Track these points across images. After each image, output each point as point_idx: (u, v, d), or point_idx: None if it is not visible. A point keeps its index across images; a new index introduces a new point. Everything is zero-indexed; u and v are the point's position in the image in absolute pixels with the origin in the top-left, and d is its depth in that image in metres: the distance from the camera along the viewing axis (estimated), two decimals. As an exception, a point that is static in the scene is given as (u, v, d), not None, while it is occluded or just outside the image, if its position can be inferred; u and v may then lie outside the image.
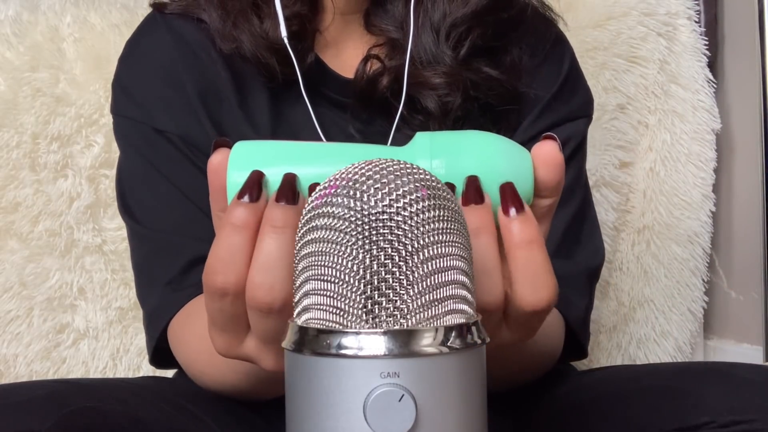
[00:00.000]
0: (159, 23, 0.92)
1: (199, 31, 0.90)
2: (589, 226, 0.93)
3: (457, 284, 0.45)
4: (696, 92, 1.33)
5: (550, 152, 0.55)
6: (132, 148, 0.90)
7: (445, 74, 0.86)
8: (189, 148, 0.87)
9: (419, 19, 0.87)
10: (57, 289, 1.17)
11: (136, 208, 0.88)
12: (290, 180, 0.51)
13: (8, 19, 1.18)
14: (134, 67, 0.92)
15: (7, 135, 1.16)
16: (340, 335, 0.44)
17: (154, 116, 0.88)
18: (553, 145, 0.55)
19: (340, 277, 0.44)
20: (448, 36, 0.87)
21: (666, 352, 1.32)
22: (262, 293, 0.51)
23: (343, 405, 0.43)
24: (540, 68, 0.92)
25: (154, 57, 0.91)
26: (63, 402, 0.64)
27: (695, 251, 1.32)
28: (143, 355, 1.19)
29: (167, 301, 0.83)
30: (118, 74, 0.93)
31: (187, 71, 0.89)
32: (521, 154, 0.55)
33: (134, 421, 0.68)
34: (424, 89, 0.86)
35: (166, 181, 0.87)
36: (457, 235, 0.46)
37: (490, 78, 0.88)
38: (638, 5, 1.31)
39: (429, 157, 0.54)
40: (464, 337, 0.45)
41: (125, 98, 0.91)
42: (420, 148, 0.55)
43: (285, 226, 0.50)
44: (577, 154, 0.92)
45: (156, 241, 0.86)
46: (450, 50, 0.87)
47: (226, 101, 0.89)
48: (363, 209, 0.44)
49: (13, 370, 1.17)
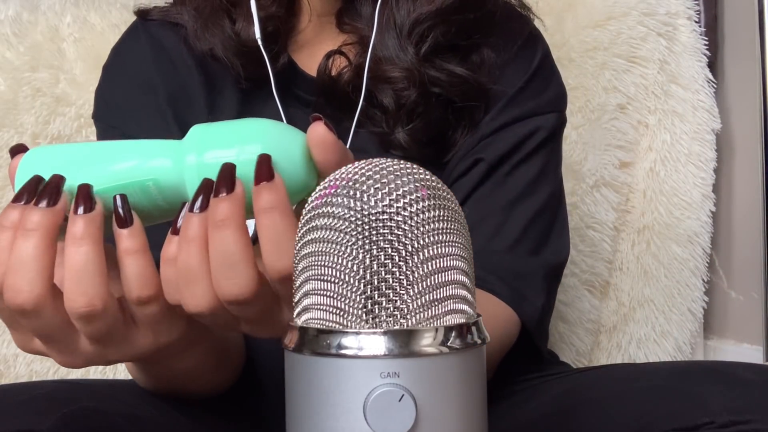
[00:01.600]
0: (139, 31, 0.96)
1: (176, 36, 0.93)
2: (554, 223, 0.91)
3: (457, 284, 0.45)
4: (696, 92, 1.32)
5: (320, 133, 0.55)
6: None
7: (403, 69, 0.87)
8: None
9: (384, 17, 0.89)
10: (57, 289, 1.17)
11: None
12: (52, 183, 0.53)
13: (8, 19, 1.18)
14: (112, 77, 0.96)
15: (7, 135, 1.16)
16: (340, 335, 0.44)
17: (126, 122, 0.91)
18: (321, 126, 0.55)
19: (340, 277, 0.44)
20: (411, 33, 0.88)
21: (666, 352, 1.32)
22: (12, 295, 0.52)
23: (343, 405, 0.43)
24: (509, 65, 0.92)
25: (130, 66, 0.94)
26: (63, 402, 0.64)
27: (695, 251, 1.32)
28: (143, 355, 1.19)
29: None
30: (101, 82, 0.97)
31: (160, 77, 0.92)
32: (292, 138, 0.55)
33: (134, 421, 0.68)
34: (381, 83, 0.88)
35: None
36: (457, 235, 0.46)
37: (453, 74, 0.88)
38: (638, 5, 1.31)
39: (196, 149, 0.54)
40: (464, 337, 0.45)
41: (103, 106, 0.95)
42: (190, 140, 0.55)
43: (37, 227, 0.52)
44: (543, 149, 0.92)
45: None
46: (412, 47, 0.88)
47: (196, 103, 0.91)
48: (363, 209, 0.44)
49: (13, 370, 1.17)
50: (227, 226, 0.51)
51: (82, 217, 0.52)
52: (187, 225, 0.52)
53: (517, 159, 0.89)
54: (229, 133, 0.55)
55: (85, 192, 0.53)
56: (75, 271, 0.52)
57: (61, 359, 0.57)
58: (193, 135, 0.56)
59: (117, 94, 0.94)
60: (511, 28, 0.94)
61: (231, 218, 0.51)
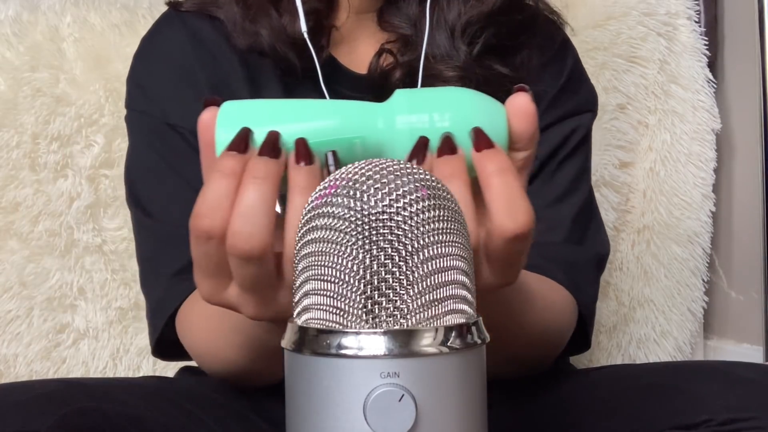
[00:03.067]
0: (174, 20, 0.94)
1: (213, 29, 0.92)
2: (596, 219, 0.95)
3: (457, 284, 0.45)
4: (696, 92, 1.32)
5: (522, 103, 0.57)
6: (144, 142, 0.91)
7: (459, 68, 0.88)
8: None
9: (434, 16, 0.90)
10: (57, 289, 1.17)
11: (146, 201, 0.90)
12: (273, 137, 0.54)
13: (8, 19, 1.18)
14: (149, 63, 0.94)
15: (7, 135, 1.16)
16: (340, 335, 0.44)
17: (167, 111, 0.90)
18: (525, 96, 0.57)
19: (340, 277, 0.44)
20: (463, 33, 0.90)
21: (666, 352, 1.32)
22: (241, 241, 0.52)
23: (343, 405, 0.43)
24: (546, 67, 0.94)
25: (169, 53, 0.93)
26: (63, 402, 0.64)
27: (695, 251, 1.32)
28: (143, 355, 1.19)
29: (174, 290, 0.84)
30: (133, 70, 0.95)
31: (200, 67, 0.91)
32: (495, 107, 0.57)
33: (134, 421, 0.68)
34: (437, 82, 0.88)
35: (177, 174, 0.88)
36: (457, 234, 0.46)
37: (501, 75, 0.90)
38: (638, 5, 1.31)
39: (407, 112, 0.56)
40: (464, 337, 0.45)
41: (139, 93, 0.93)
42: (398, 103, 0.57)
43: (266, 177, 0.52)
44: (582, 146, 0.94)
45: (164, 233, 0.87)
46: (464, 46, 0.89)
47: (239, 97, 0.89)
48: (363, 209, 0.44)
49: (13, 370, 1.17)
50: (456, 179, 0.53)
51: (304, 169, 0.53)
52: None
53: (562, 156, 0.92)
54: (438, 100, 0.57)
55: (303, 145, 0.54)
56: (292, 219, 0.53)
57: (254, 311, 0.57)
58: (401, 99, 0.57)
59: (154, 81, 0.93)
60: (547, 31, 0.97)
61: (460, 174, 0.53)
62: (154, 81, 0.92)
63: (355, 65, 0.92)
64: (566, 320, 0.84)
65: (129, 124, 0.94)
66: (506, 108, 0.57)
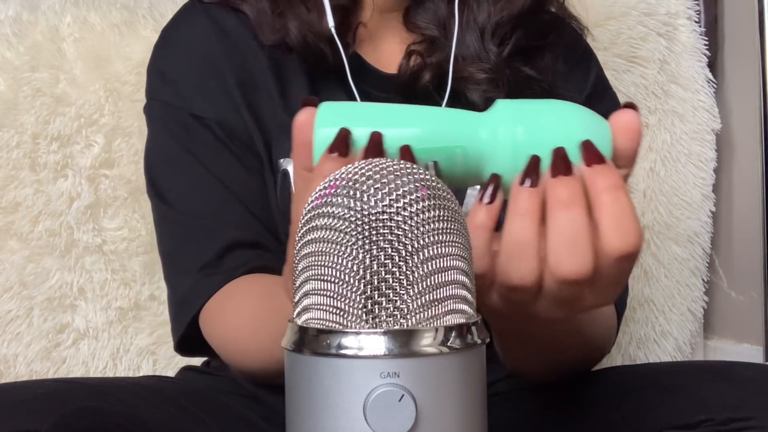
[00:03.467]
0: (198, 11, 0.93)
1: (238, 22, 0.91)
2: None
3: (457, 284, 0.45)
4: (696, 92, 1.32)
5: (630, 121, 0.55)
6: (166, 132, 0.90)
7: (490, 70, 0.88)
8: (226, 135, 0.88)
9: (463, 17, 0.89)
10: (57, 289, 1.17)
11: (168, 193, 0.89)
12: (377, 139, 0.52)
13: (8, 19, 1.18)
14: (172, 53, 0.93)
15: (7, 135, 1.16)
16: (340, 335, 0.44)
17: (192, 102, 0.89)
18: (633, 114, 0.55)
19: (340, 277, 0.44)
20: (494, 34, 0.89)
21: (666, 352, 1.32)
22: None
23: (343, 405, 0.43)
24: (571, 72, 0.94)
25: (192, 43, 0.91)
26: (63, 401, 0.64)
27: (695, 251, 1.32)
28: (143, 355, 1.19)
29: (201, 285, 0.83)
30: (155, 59, 0.94)
31: (226, 59, 0.90)
32: (601, 123, 0.55)
33: (134, 421, 0.68)
34: (469, 83, 0.88)
35: (201, 166, 0.87)
36: (456, 234, 0.46)
37: (529, 78, 0.90)
38: (638, 5, 1.31)
39: (511, 123, 0.55)
40: (464, 337, 0.45)
41: (162, 83, 0.92)
42: (502, 114, 0.55)
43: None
44: None
45: (189, 225, 0.86)
46: (495, 47, 0.89)
47: (265, 91, 0.89)
48: (363, 209, 0.44)
49: (13, 370, 1.17)
50: (575, 205, 0.51)
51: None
52: (518, 199, 0.52)
53: None
54: (542, 112, 0.55)
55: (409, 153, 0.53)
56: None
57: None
58: (504, 109, 0.56)
59: (177, 71, 0.91)
60: (572, 35, 0.97)
61: (578, 199, 0.51)
62: (178, 70, 0.91)
63: (381, 64, 0.91)
64: (612, 325, 0.84)
65: (149, 114, 0.93)
66: (612, 123, 0.55)
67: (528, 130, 0.55)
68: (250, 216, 0.86)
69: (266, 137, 0.88)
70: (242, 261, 0.84)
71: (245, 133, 0.88)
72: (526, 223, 0.52)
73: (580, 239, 0.51)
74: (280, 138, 0.87)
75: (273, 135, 0.88)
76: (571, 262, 0.51)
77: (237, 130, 0.88)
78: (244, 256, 0.84)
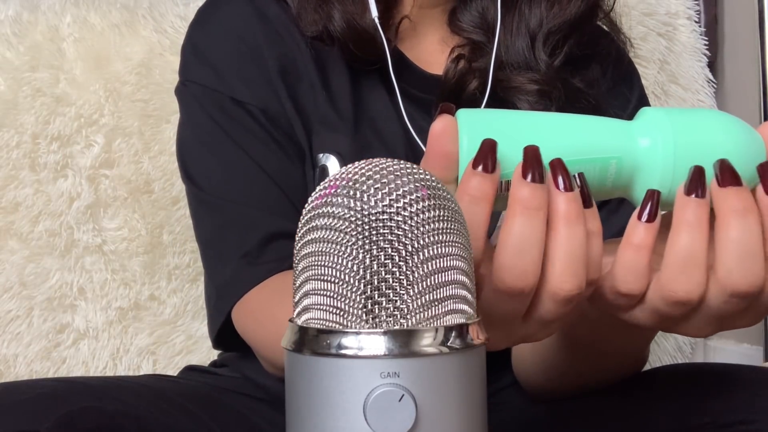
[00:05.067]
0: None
1: (281, 11, 0.89)
2: None
3: (457, 284, 0.45)
4: (696, 92, 1.33)
5: None
6: (204, 115, 0.87)
7: (541, 81, 0.85)
8: (269, 122, 0.85)
9: (513, 22, 0.87)
10: (57, 289, 1.17)
11: (205, 178, 0.86)
12: (535, 154, 0.49)
13: (8, 19, 1.18)
14: (211, 33, 0.90)
15: (7, 135, 1.16)
16: (340, 335, 0.44)
17: (233, 86, 0.86)
18: None
19: (340, 277, 0.44)
20: (545, 42, 0.86)
21: (666, 352, 1.32)
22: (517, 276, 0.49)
23: (343, 405, 0.43)
24: (616, 88, 0.92)
25: (233, 26, 0.89)
26: (63, 401, 0.64)
27: (695, 251, 1.32)
28: (143, 355, 1.19)
29: (243, 274, 0.81)
30: (192, 38, 0.91)
31: (267, 45, 0.87)
32: (756, 135, 0.54)
33: (134, 421, 0.68)
34: (519, 94, 0.85)
35: (242, 151, 0.84)
36: (457, 235, 0.46)
37: (576, 89, 0.87)
38: (638, 5, 1.31)
39: (671, 134, 0.53)
40: (464, 337, 0.45)
41: (199, 63, 0.89)
42: (659, 124, 0.54)
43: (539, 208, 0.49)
44: None
45: (229, 212, 0.84)
46: (546, 56, 0.86)
47: (307, 82, 0.87)
48: (363, 209, 0.44)
49: (13, 370, 1.17)
50: (750, 214, 0.50)
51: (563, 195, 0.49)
52: (686, 209, 0.51)
53: None
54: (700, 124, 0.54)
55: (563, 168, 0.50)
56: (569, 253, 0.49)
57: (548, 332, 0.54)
58: (659, 119, 0.54)
59: (217, 53, 0.88)
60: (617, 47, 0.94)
61: (752, 208, 0.50)
62: (217, 52, 0.88)
63: (420, 61, 0.89)
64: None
65: (183, 95, 0.90)
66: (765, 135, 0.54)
67: (688, 141, 0.53)
68: (292, 207, 0.84)
69: (307, 129, 0.86)
70: (287, 253, 0.80)
71: (287, 122, 0.86)
72: (697, 234, 0.50)
73: (754, 249, 0.50)
74: (321, 131, 0.85)
75: (314, 128, 0.86)
76: (745, 273, 0.50)
77: (279, 119, 0.85)
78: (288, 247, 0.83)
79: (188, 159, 0.88)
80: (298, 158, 0.86)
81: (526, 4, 0.87)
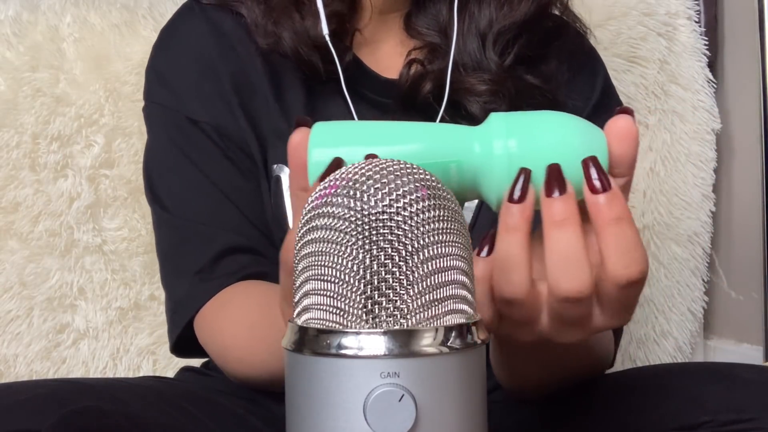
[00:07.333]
0: (196, 12, 0.92)
1: (236, 24, 0.90)
2: None
3: (457, 284, 0.45)
4: (696, 92, 1.32)
5: (625, 126, 0.54)
6: (163, 135, 0.90)
7: (491, 81, 0.86)
8: (221, 139, 0.87)
9: (464, 24, 0.87)
10: (57, 289, 1.17)
11: (165, 196, 0.89)
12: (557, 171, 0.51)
13: (8, 19, 1.18)
14: (170, 55, 0.92)
15: (7, 135, 1.16)
16: (340, 335, 0.44)
17: (188, 105, 0.88)
18: (628, 119, 0.54)
19: (340, 277, 0.44)
20: (495, 43, 0.87)
21: (666, 352, 1.32)
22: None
23: (343, 405, 0.43)
24: (575, 79, 0.92)
25: (190, 45, 0.91)
26: (63, 401, 0.64)
27: (695, 251, 1.32)
28: (143, 355, 1.19)
29: (197, 290, 0.84)
30: (153, 61, 0.93)
31: (223, 62, 0.89)
32: (596, 133, 0.55)
33: (134, 421, 0.68)
34: (469, 95, 0.86)
35: (197, 169, 0.87)
36: (457, 234, 0.46)
37: (531, 86, 0.88)
38: (638, 5, 1.31)
39: (505, 137, 0.54)
40: (464, 337, 0.45)
41: (159, 85, 0.91)
42: (495, 127, 0.55)
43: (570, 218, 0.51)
44: None
45: (184, 229, 0.86)
46: (496, 57, 0.87)
47: (261, 95, 0.89)
48: (363, 209, 0.44)
49: (13, 370, 1.17)
50: (569, 224, 0.51)
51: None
52: (507, 214, 0.52)
53: None
54: (536, 125, 0.55)
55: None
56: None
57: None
58: (498, 122, 0.55)
59: (174, 73, 0.91)
60: (576, 40, 0.95)
61: (571, 218, 0.51)
62: (175, 73, 0.91)
63: (380, 68, 0.90)
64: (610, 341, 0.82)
65: (148, 116, 0.93)
66: (608, 131, 0.55)
67: (522, 142, 0.54)
68: (246, 221, 0.86)
69: (261, 142, 0.88)
70: (238, 267, 0.84)
71: (240, 137, 0.88)
72: (513, 239, 0.52)
73: (576, 257, 0.51)
74: (276, 143, 0.87)
75: (268, 140, 0.87)
76: (569, 279, 0.51)
77: (232, 134, 0.87)
78: (239, 261, 0.84)
79: (151, 178, 0.91)
80: (252, 172, 0.88)
81: (475, 5, 0.88)
